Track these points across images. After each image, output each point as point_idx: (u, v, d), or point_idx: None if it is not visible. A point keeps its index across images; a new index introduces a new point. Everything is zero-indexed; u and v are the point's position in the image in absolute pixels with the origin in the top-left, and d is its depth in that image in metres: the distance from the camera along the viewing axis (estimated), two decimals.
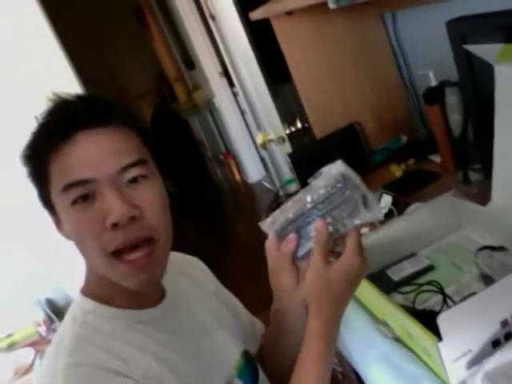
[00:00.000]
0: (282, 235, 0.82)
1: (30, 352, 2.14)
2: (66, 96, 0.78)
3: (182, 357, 0.81)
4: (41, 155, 0.75)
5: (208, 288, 1.04)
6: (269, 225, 0.82)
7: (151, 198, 0.76)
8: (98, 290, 0.81)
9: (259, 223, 0.83)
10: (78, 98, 0.79)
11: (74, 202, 0.73)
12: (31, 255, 2.31)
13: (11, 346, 2.24)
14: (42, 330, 2.24)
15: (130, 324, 0.79)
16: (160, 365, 0.76)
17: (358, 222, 0.79)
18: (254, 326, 1.08)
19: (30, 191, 0.80)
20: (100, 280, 0.79)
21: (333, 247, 0.81)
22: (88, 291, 0.82)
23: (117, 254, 0.73)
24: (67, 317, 0.81)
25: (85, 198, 0.73)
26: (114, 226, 0.72)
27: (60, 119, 0.75)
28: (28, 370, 2.05)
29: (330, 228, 0.79)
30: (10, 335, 2.29)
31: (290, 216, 0.80)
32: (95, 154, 0.73)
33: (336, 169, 0.79)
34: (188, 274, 1.03)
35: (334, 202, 0.79)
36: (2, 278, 2.27)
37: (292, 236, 0.80)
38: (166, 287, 0.90)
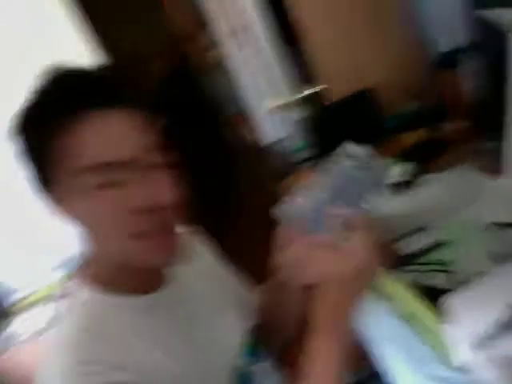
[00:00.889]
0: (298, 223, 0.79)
1: (47, 311, 2.19)
2: (74, 67, 0.71)
3: (185, 342, 0.80)
4: (42, 131, 0.69)
5: (210, 262, 1.01)
6: (286, 213, 0.79)
7: (172, 183, 0.73)
8: (99, 277, 0.77)
9: (273, 211, 0.79)
10: (86, 71, 0.73)
11: (100, 185, 0.68)
12: None
13: (30, 306, 2.30)
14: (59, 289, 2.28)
15: (135, 312, 0.76)
16: (164, 354, 0.75)
17: (369, 207, 0.77)
18: (253, 300, 1.05)
19: None
20: (102, 267, 0.76)
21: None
22: (89, 279, 0.77)
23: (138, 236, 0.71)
24: (66, 307, 0.76)
25: (110, 182, 0.69)
26: (140, 211, 0.69)
27: (68, 94, 0.69)
28: (46, 328, 2.10)
29: (347, 213, 0.76)
30: (28, 295, 2.35)
31: (308, 204, 0.77)
32: (114, 134, 0.70)
33: (355, 151, 0.75)
34: (189, 247, 0.97)
35: (352, 188, 0.76)
36: None
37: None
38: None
